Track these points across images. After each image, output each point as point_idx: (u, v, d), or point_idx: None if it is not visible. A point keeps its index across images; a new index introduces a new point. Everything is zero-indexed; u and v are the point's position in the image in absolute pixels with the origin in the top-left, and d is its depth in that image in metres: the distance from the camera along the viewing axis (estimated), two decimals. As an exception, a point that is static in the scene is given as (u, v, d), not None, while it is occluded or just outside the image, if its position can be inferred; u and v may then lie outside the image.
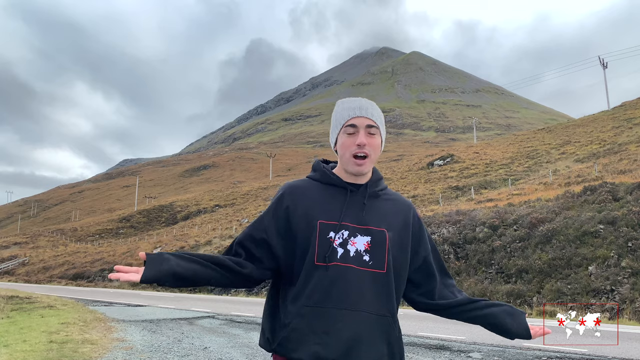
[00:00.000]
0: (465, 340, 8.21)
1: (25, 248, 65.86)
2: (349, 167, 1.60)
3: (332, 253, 1.51)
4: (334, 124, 1.66)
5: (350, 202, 1.60)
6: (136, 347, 7.63)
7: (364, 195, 1.62)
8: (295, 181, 1.69)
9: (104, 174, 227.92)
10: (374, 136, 1.60)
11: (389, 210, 1.65)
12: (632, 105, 55.37)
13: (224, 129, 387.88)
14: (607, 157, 32.54)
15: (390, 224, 1.62)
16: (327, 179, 1.65)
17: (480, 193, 31.46)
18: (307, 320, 1.48)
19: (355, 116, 1.59)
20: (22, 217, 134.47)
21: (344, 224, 1.55)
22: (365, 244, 1.55)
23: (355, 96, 1.77)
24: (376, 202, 1.64)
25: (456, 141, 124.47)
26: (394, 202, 1.69)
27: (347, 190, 1.62)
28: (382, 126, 1.64)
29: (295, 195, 1.62)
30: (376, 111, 1.64)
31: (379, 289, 1.53)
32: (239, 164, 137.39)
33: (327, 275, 1.50)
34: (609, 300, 12.52)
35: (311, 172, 1.72)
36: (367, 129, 1.59)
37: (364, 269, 1.52)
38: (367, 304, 1.50)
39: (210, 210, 70.73)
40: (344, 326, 1.47)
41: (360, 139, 1.56)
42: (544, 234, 16.02)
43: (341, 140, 1.61)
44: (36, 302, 15.28)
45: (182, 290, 28.53)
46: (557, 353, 6.86)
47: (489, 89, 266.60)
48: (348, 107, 1.62)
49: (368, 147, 1.58)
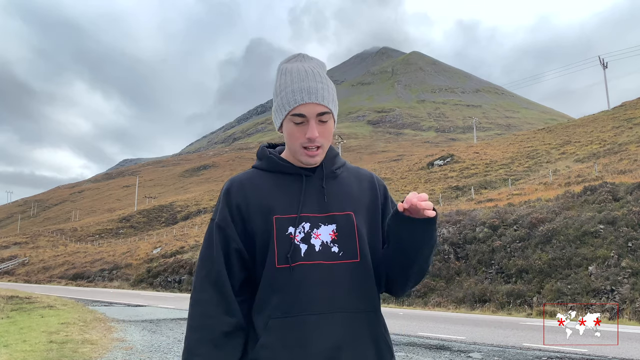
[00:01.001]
0: (465, 340, 8.20)
1: (25, 248, 65.87)
2: (301, 158, 1.37)
3: (294, 251, 1.30)
4: (278, 104, 1.38)
5: (307, 189, 1.38)
6: (136, 347, 7.62)
7: (321, 177, 1.40)
8: (240, 174, 1.45)
9: (104, 174, 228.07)
10: (327, 123, 1.36)
11: (353, 189, 1.43)
12: (632, 105, 55.39)
13: (224, 129, 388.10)
14: (607, 157, 32.55)
15: (356, 204, 1.40)
16: (277, 167, 1.41)
17: (480, 193, 31.47)
18: (277, 335, 1.26)
19: (304, 103, 1.32)
20: (22, 217, 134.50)
21: (303, 216, 1.34)
22: (331, 234, 1.34)
23: (356, 95, 1.42)
24: (336, 183, 1.42)
25: (456, 141, 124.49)
26: (356, 178, 1.47)
27: (301, 176, 1.39)
28: (334, 106, 1.39)
29: (244, 191, 1.38)
30: (327, 91, 1.36)
31: (355, 282, 1.32)
32: (239, 164, 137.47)
33: (293, 278, 1.29)
34: (609, 300, 12.52)
35: (257, 161, 1.47)
36: (319, 117, 1.34)
37: (334, 262, 1.32)
38: (343, 302, 1.30)
39: (210, 210, 70.73)
40: (320, 335, 1.26)
41: (310, 132, 1.32)
42: (544, 234, 16.01)
43: (288, 129, 1.36)
44: (36, 302, 15.28)
45: (182, 290, 28.53)
46: (557, 353, 6.86)
47: (489, 89, 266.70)
48: (295, 89, 1.34)
49: (320, 139, 1.34)
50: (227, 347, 1.29)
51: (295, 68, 1.38)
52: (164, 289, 30.29)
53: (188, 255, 33.18)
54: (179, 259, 32.46)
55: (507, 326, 10.25)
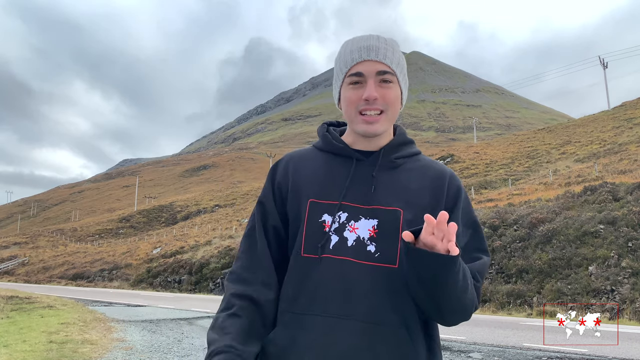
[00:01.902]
0: (466, 340, 8.20)
1: (25, 248, 65.86)
2: (356, 126, 1.20)
3: (324, 242, 1.16)
4: (336, 73, 1.25)
5: (355, 175, 1.21)
6: (136, 347, 7.62)
7: (375, 164, 1.22)
8: (295, 151, 1.32)
9: (104, 174, 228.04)
10: (390, 86, 1.19)
11: (411, 183, 1.22)
12: (633, 105, 55.39)
13: (223, 129, 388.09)
14: (607, 157, 32.54)
15: (410, 201, 1.19)
16: (330, 147, 1.26)
17: (480, 193, 31.47)
18: (290, 331, 1.13)
19: (362, 60, 1.18)
20: (22, 217, 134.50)
21: (343, 204, 1.18)
22: (370, 230, 1.16)
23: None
24: (393, 174, 1.22)
25: (456, 141, 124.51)
26: (421, 170, 1.25)
27: (352, 159, 1.23)
28: (401, 72, 1.22)
29: (288, 168, 1.26)
30: (392, 52, 1.20)
31: (387, 290, 1.13)
32: (238, 164, 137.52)
33: (317, 271, 1.14)
34: (609, 300, 12.52)
35: (317, 140, 1.33)
36: (379, 76, 1.18)
37: (366, 262, 1.13)
38: (368, 310, 1.11)
39: (210, 210, 70.76)
40: (332, 342, 1.10)
41: (368, 91, 1.16)
42: (544, 234, 16.01)
43: (345, 94, 1.21)
44: (36, 302, 15.27)
45: (182, 290, 28.54)
46: (557, 353, 6.85)
47: (489, 89, 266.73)
48: (353, 49, 1.20)
49: (381, 102, 1.17)
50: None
51: (359, 36, 1.25)
52: (163, 289, 30.29)
53: (188, 255, 33.18)
54: (179, 259, 32.46)
55: (507, 326, 10.25)
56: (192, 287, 28.41)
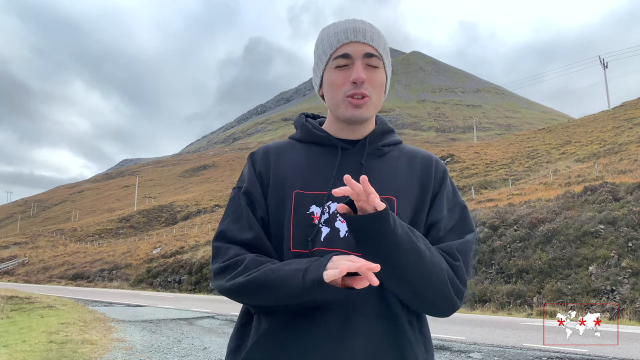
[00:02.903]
0: (466, 340, 8.20)
1: (25, 248, 65.87)
2: (342, 111, 1.14)
3: (314, 234, 1.09)
4: (318, 57, 1.18)
5: (342, 164, 1.15)
6: (136, 347, 7.62)
7: (362, 152, 1.17)
8: (273, 142, 1.26)
9: (104, 174, 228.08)
10: (376, 70, 1.14)
11: (400, 171, 1.17)
12: (633, 105, 55.41)
13: (223, 129, 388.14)
14: (607, 157, 32.54)
15: (400, 188, 1.14)
16: (311, 137, 1.21)
17: (480, 193, 31.46)
18: (279, 335, 1.07)
19: (348, 41, 1.12)
20: (21, 217, 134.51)
21: (331, 194, 1.10)
22: None
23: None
24: (381, 162, 1.18)
25: (456, 141, 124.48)
26: (407, 158, 1.21)
27: (337, 148, 1.17)
28: (387, 58, 1.18)
29: (268, 159, 1.20)
30: (377, 35, 1.16)
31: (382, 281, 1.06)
32: (239, 164, 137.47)
33: None
34: (609, 300, 12.52)
35: (294, 131, 1.28)
36: (366, 59, 1.12)
37: (360, 254, 1.02)
38: (365, 305, 1.06)
39: (210, 210, 70.74)
40: (326, 341, 1.04)
41: (356, 72, 1.10)
42: (544, 234, 16.01)
43: (328, 79, 1.15)
44: (36, 302, 15.27)
45: (181, 290, 28.54)
46: (557, 353, 6.85)
47: (489, 89, 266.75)
48: (337, 31, 1.15)
49: (367, 85, 1.12)
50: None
51: (342, 20, 1.19)
52: (163, 289, 30.29)
53: (188, 255, 33.18)
54: (179, 259, 32.46)
55: (507, 326, 10.25)
56: (192, 287, 28.42)
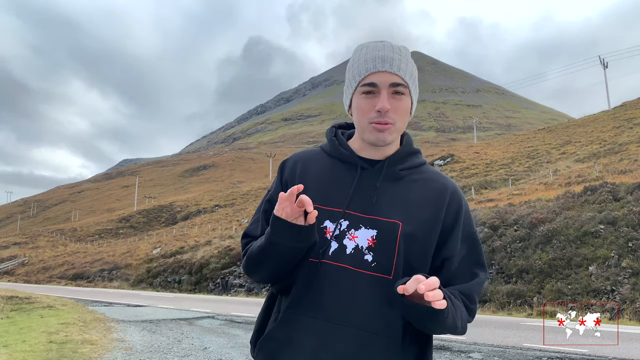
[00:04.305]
0: (466, 340, 8.20)
1: (24, 248, 65.85)
2: (367, 135, 1.23)
3: (325, 248, 1.20)
4: (349, 80, 1.27)
5: (359, 184, 1.23)
6: (136, 347, 7.62)
7: (379, 174, 1.24)
8: (305, 151, 1.35)
9: (104, 174, 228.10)
10: (402, 98, 1.21)
11: (414, 196, 1.24)
12: (633, 105, 55.38)
13: (223, 129, 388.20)
14: (607, 157, 32.53)
15: (410, 214, 1.21)
16: (335, 152, 1.29)
17: (480, 193, 31.46)
18: (288, 330, 1.18)
19: (376, 71, 1.20)
20: (21, 217, 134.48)
21: (346, 212, 1.21)
22: (369, 240, 1.19)
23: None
24: (396, 186, 1.25)
25: (456, 141, 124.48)
26: (424, 183, 1.27)
27: (357, 167, 1.25)
28: (413, 84, 1.25)
29: (295, 168, 1.30)
30: (405, 63, 1.22)
31: (380, 299, 1.16)
32: (238, 164, 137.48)
33: (318, 275, 1.18)
34: (609, 300, 12.52)
35: (325, 143, 1.36)
36: (392, 88, 1.20)
37: (362, 271, 1.17)
38: (361, 318, 1.15)
39: (210, 210, 70.73)
40: (324, 345, 1.15)
41: (381, 102, 1.18)
42: (544, 234, 16.01)
43: (356, 104, 1.23)
44: (36, 303, 15.27)
45: (181, 291, 28.53)
46: (557, 353, 6.85)
47: (490, 89, 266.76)
48: (367, 58, 1.22)
49: (392, 114, 1.20)
50: None
51: (373, 43, 1.26)
52: (163, 289, 30.29)
53: (188, 255, 33.17)
54: (179, 259, 32.45)
55: (507, 326, 10.25)
56: (192, 287, 28.41)
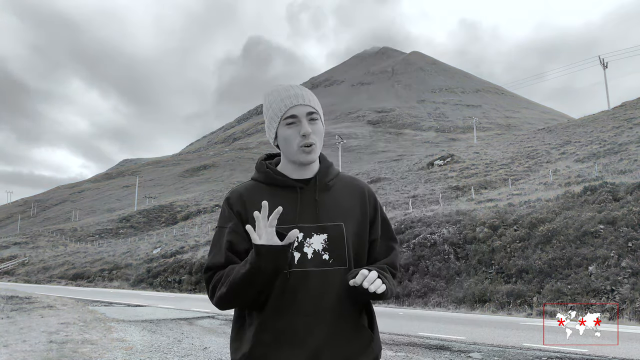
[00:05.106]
0: (466, 340, 8.20)
1: (25, 248, 65.85)
2: (299, 157, 1.51)
3: (290, 259, 1.44)
4: (270, 117, 1.55)
5: (302, 201, 1.51)
6: (136, 347, 7.62)
7: (314, 189, 1.54)
8: (238, 186, 1.60)
9: (104, 173, 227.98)
10: (317, 122, 1.53)
11: (344, 201, 1.56)
12: (633, 105, 55.38)
13: (223, 129, 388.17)
14: (607, 157, 32.53)
15: (346, 215, 1.54)
16: (273, 181, 1.55)
17: (480, 193, 31.46)
18: (271, 333, 1.42)
19: (293, 105, 1.50)
20: (22, 217, 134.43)
21: (299, 226, 1.47)
22: (322, 242, 1.48)
23: (355, 95, 1.66)
24: (329, 195, 1.56)
25: (456, 141, 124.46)
26: (348, 189, 1.61)
27: (296, 189, 1.53)
28: (320, 110, 1.57)
29: (243, 201, 1.53)
30: (311, 96, 1.56)
31: (344, 285, 1.45)
32: (238, 164, 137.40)
33: (288, 283, 1.43)
34: (609, 300, 12.52)
35: (255, 173, 1.61)
36: (308, 116, 1.51)
37: (324, 268, 1.46)
38: (333, 305, 1.45)
39: (210, 210, 70.71)
40: (310, 334, 1.41)
41: (304, 128, 1.49)
42: (544, 234, 16.01)
43: (283, 135, 1.52)
44: (36, 302, 15.27)
45: (182, 290, 28.53)
46: (557, 353, 6.85)
47: (490, 89, 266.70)
48: (283, 97, 1.52)
49: (313, 135, 1.50)
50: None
51: (280, 86, 1.57)
52: (164, 289, 30.28)
53: (188, 255, 33.16)
54: (179, 259, 32.45)
55: (507, 326, 10.25)
56: (192, 287, 28.41)
